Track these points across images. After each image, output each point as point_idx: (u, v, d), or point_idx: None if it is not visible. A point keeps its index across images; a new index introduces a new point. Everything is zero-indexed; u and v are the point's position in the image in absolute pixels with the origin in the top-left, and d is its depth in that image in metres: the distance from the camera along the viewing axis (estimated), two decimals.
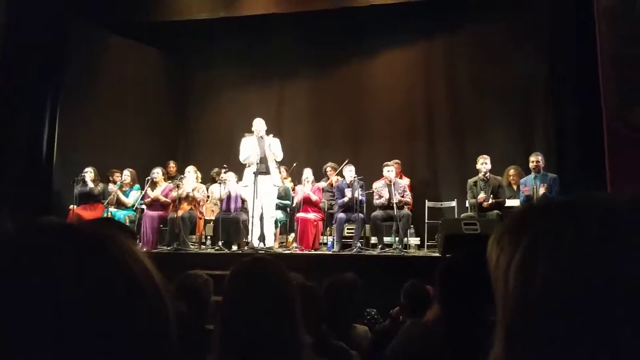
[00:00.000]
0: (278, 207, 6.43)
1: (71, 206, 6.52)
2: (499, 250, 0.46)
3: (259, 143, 5.99)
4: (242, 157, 6.05)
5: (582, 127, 6.19)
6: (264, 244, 5.87)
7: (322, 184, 6.87)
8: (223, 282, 1.32)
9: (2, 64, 6.45)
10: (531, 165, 5.78)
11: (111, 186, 6.73)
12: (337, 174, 6.90)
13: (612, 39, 5.19)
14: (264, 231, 5.94)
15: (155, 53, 8.57)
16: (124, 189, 6.68)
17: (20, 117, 6.99)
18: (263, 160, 5.98)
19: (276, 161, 6.16)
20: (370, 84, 8.18)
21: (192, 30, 8.06)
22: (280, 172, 6.79)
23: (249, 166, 5.98)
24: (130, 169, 6.75)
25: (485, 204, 5.75)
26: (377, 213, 6.01)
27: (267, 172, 5.99)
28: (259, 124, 6.06)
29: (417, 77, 8.04)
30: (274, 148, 6.04)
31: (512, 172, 6.31)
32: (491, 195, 5.82)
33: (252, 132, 6.05)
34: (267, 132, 6.13)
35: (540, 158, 5.76)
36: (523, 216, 0.48)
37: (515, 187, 6.23)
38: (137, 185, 6.73)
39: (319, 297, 2.05)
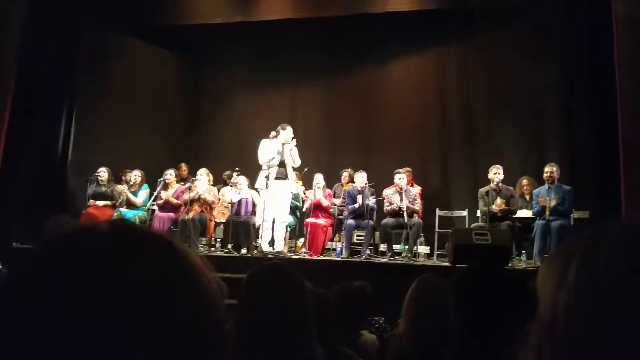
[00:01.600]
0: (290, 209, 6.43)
1: (95, 203, 6.59)
2: (543, 269, 0.50)
3: (280, 148, 5.99)
4: (262, 160, 6.04)
5: (597, 138, 6.12)
6: (273, 248, 5.87)
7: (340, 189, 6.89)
8: (232, 285, 1.32)
9: (19, 65, 6.55)
10: (545, 175, 5.71)
11: (120, 186, 6.77)
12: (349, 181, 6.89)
13: (630, 47, 5.13)
14: (274, 235, 5.94)
15: (169, 56, 8.64)
16: (133, 190, 6.73)
17: (36, 117, 7.09)
18: (282, 164, 5.99)
19: (292, 167, 6.17)
20: (383, 90, 8.17)
21: (207, 34, 8.12)
22: None
23: (266, 169, 5.98)
24: (140, 170, 6.80)
25: (496, 208, 5.73)
26: (388, 220, 5.98)
27: (285, 177, 6.00)
28: (289, 132, 6.06)
29: (430, 85, 8.01)
30: (294, 154, 6.05)
31: (525, 182, 6.25)
32: (504, 201, 5.80)
33: (275, 134, 6.04)
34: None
35: (555, 169, 5.69)
36: (565, 241, 0.51)
37: (527, 198, 6.18)
38: (145, 185, 6.77)
39: (328, 304, 2.04)
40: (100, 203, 6.58)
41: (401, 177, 6.12)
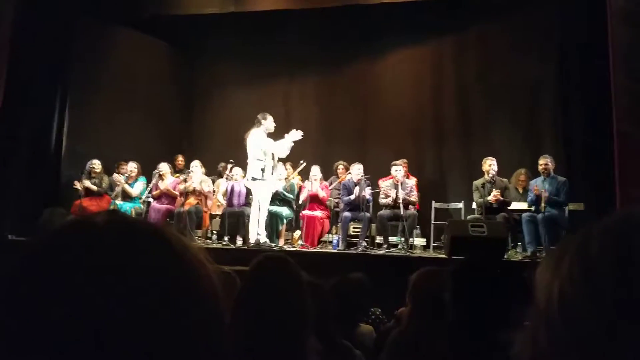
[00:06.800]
0: (280, 201, 6.39)
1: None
2: (544, 260, 0.50)
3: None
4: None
5: (591, 130, 6.14)
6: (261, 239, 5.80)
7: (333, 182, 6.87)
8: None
9: (11, 56, 6.48)
10: (540, 168, 5.74)
11: (116, 176, 6.73)
12: (346, 174, 6.88)
13: (625, 40, 5.13)
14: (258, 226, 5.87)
15: (163, 47, 8.58)
16: (129, 182, 6.70)
17: (29, 109, 7.03)
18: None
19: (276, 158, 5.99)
20: (379, 82, 8.16)
21: (201, 25, 8.06)
22: (286, 169, 6.79)
23: (262, 160, 5.91)
24: (136, 162, 6.78)
25: (492, 198, 5.74)
26: (384, 212, 5.99)
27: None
28: (270, 122, 5.97)
29: (425, 77, 8.00)
30: (264, 147, 5.85)
31: (522, 177, 6.27)
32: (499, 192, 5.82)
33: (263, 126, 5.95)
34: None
35: (549, 161, 5.72)
36: (568, 236, 0.52)
37: (520, 190, 6.21)
38: (142, 177, 6.75)
39: (325, 296, 2.04)
40: (94, 194, 6.55)
41: (398, 169, 6.13)
